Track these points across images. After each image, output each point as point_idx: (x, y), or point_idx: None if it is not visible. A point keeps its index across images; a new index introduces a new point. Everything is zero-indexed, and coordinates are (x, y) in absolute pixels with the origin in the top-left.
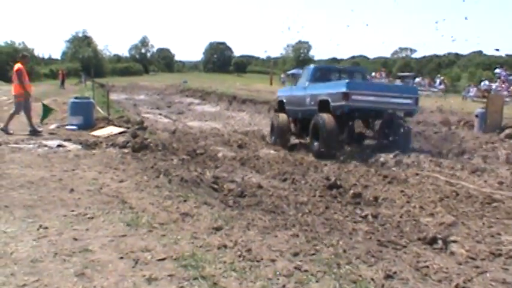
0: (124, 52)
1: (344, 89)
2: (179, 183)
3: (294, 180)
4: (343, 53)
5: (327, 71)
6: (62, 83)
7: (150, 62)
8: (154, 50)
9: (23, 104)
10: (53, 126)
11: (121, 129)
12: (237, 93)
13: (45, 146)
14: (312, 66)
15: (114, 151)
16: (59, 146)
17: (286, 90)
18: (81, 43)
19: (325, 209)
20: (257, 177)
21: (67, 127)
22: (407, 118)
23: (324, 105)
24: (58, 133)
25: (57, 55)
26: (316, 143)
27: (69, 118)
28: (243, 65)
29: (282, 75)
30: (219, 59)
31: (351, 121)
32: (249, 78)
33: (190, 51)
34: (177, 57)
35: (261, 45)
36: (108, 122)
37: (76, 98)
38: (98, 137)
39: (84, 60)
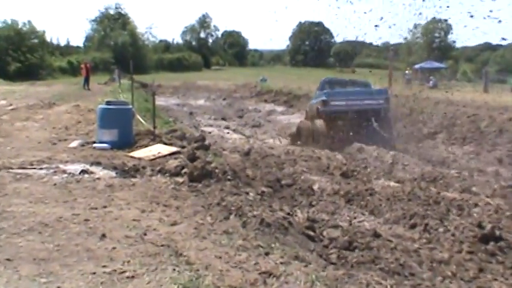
0: (175, 37)
1: (324, 97)
2: (258, 227)
3: (428, 227)
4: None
5: (334, 82)
6: (86, 81)
7: (212, 51)
8: (219, 34)
9: None
10: (74, 144)
11: (172, 149)
12: None
13: (64, 172)
14: (322, 79)
15: (163, 180)
16: (83, 172)
17: (310, 101)
18: (113, 24)
19: (477, 272)
20: (371, 220)
21: (95, 145)
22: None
23: (318, 111)
24: (82, 153)
25: (78, 41)
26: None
27: (98, 132)
28: (348, 56)
29: (407, 71)
30: (313, 47)
31: (339, 122)
32: (358, 74)
33: (270, 35)
34: (251, 45)
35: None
36: (154, 138)
37: (108, 102)
38: (140, 159)
39: (117, 49)
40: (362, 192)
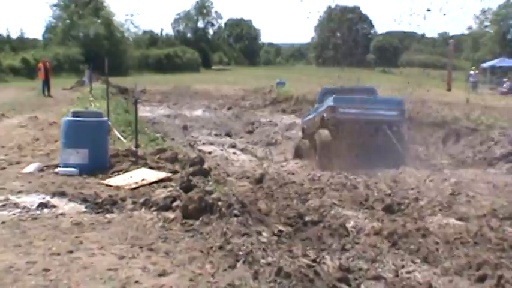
0: (164, 27)
1: (331, 103)
2: (274, 279)
3: (502, 281)
4: None
5: (334, 92)
6: (46, 84)
7: (214, 45)
8: (222, 23)
9: None
10: (31, 168)
11: (161, 175)
12: None
13: (16, 205)
14: (320, 89)
15: (149, 216)
16: (42, 205)
17: (306, 115)
18: (82, 9)
19: None
20: (425, 270)
21: (58, 170)
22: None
23: (323, 120)
24: (41, 181)
25: (35, 32)
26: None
27: (62, 153)
28: (391, 51)
29: (472, 72)
30: (345, 40)
31: (347, 133)
32: (405, 77)
33: (289, 25)
34: (264, 38)
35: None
36: (137, 161)
37: (75, 114)
38: (118, 188)
39: (88, 43)
40: (412, 232)
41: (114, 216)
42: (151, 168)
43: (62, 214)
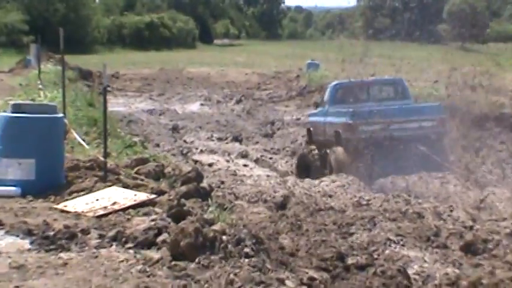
0: None
1: (349, 120)
2: None
3: None
4: None
5: (350, 88)
6: None
7: (217, 10)
8: None
9: None
10: None
11: (140, 197)
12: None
13: None
14: (332, 84)
15: (123, 256)
16: None
17: (313, 114)
18: None
19: None
20: None
21: None
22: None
23: (338, 136)
24: None
25: None
26: None
27: None
28: (474, 18)
29: None
30: (408, 4)
31: (371, 154)
32: (493, 56)
33: None
34: (289, 0)
35: None
36: (105, 176)
37: (16, 107)
38: (78, 215)
39: (34, 6)
40: (504, 283)
41: (73, 256)
42: (126, 186)
43: None
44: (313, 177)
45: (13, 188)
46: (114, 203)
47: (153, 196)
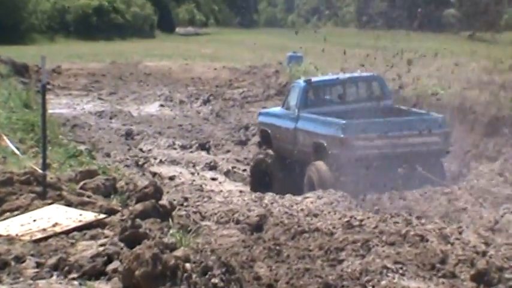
0: None
1: (340, 133)
2: None
3: None
4: None
5: (323, 87)
6: None
7: None
8: None
9: None
10: None
11: (87, 217)
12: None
13: None
14: (300, 82)
15: None
16: None
17: (272, 114)
18: None
19: None
20: None
21: None
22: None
23: (320, 150)
24: None
25: None
26: None
27: None
28: (484, 4)
29: None
30: None
31: (361, 174)
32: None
33: None
34: None
35: None
36: (45, 192)
37: None
38: (11, 240)
39: None
40: None
41: None
42: (69, 204)
43: None
44: (274, 190)
45: None
46: (55, 225)
47: (102, 216)
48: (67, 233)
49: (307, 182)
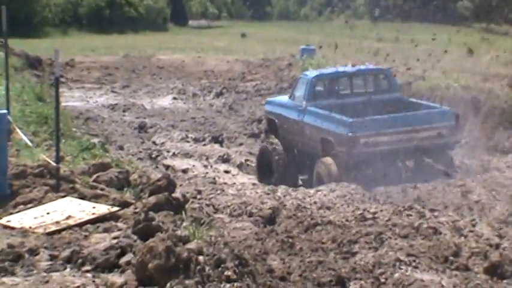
0: None
1: (347, 131)
2: None
3: None
4: None
5: (331, 80)
6: None
7: None
8: None
9: None
10: None
11: (101, 210)
12: None
13: None
14: (309, 74)
15: (79, 281)
16: None
17: (279, 104)
18: None
19: None
20: None
21: None
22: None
23: (328, 146)
24: None
25: None
26: None
27: None
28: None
29: None
30: None
31: (370, 171)
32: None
33: None
34: None
35: None
36: (58, 185)
37: None
38: (25, 231)
39: None
40: None
41: (18, 282)
42: (82, 197)
43: None
44: (278, 180)
45: None
46: (68, 217)
47: (116, 209)
48: (80, 225)
49: (316, 178)
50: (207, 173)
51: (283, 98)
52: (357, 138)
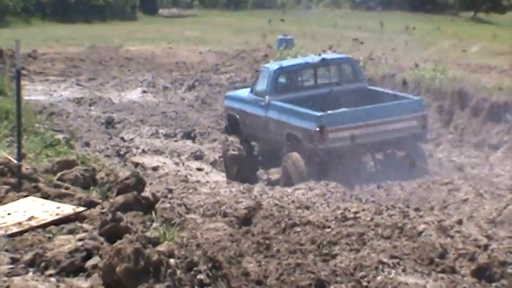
0: None
1: (315, 126)
2: None
3: None
4: None
5: (294, 72)
6: None
7: None
8: None
9: None
10: None
11: (65, 210)
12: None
13: None
14: (270, 66)
15: (42, 287)
16: None
17: (240, 99)
18: None
19: None
20: None
21: None
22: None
23: (294, 140)
24: None
25: None
26: None
27: None
28: None
29: None
30: None
31: (340, 166)
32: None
33: None
34: None
35: None
36: (20, 183)
37: None
38: None
39: None
40: None
41: None
42: (46, 197)
43: None
44: (232, 178)
45: None
46: (30, 218)
47: (81, 209)
48: (44, 227)
49: (283, 174)
50: (178, 170)
51: (244, 92)
52: (325, 133)
